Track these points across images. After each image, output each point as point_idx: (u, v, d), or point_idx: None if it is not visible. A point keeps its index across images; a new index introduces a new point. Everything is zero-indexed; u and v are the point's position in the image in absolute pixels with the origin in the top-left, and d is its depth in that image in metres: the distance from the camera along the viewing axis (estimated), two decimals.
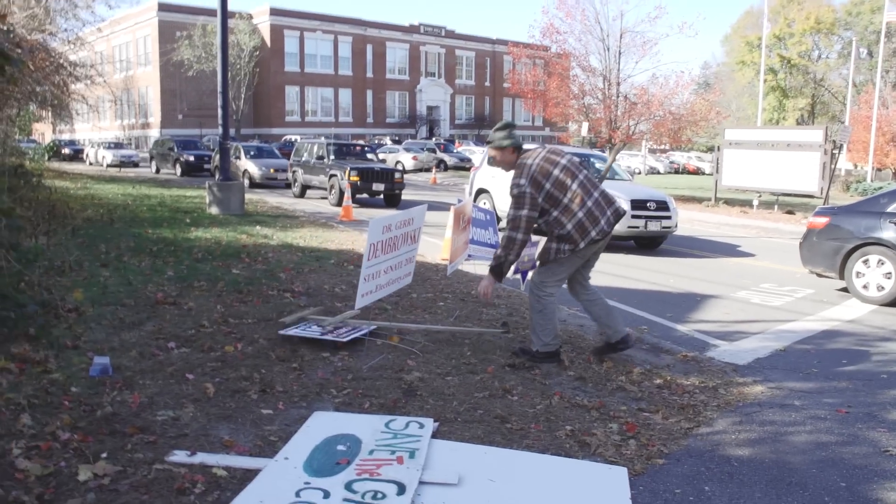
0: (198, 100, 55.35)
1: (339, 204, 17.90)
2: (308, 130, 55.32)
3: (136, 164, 37.39)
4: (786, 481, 3.62)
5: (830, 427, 4.44)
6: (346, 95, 63.87)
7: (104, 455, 3.46)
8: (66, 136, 52.11)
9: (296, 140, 42.50)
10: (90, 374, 4.58)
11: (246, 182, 25.05)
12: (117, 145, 41.39)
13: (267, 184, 25.08)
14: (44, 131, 55.58)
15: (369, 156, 22.17)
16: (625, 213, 5.49)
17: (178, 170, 30.76)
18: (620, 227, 11.11)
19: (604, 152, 24.23)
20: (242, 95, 54.94)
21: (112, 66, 33.37)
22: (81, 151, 45.39)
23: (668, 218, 12.65)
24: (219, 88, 15.59)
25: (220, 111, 15.74)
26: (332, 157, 20.33)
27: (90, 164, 39.46)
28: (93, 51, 26.45)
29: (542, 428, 4.14)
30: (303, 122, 60.42)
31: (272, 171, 25.11)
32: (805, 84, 62.84)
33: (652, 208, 12.49)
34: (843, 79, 58.74)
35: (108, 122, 59.63)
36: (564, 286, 5.62)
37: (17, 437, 3.56)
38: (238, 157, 26.18)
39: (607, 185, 12.35)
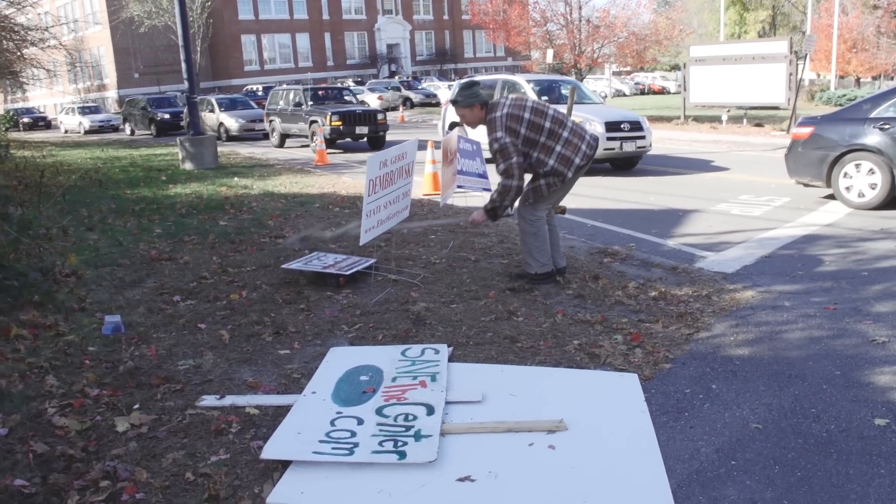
0: (153, 56, 54.00)
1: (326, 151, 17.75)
2: (268, 79, 54.30)
3: (115, 129, 35.06)
4: (785, 374, 3.83)
5: (821, 323, 4.66)
6: (303, 40, 62.57)
7: (136, 406, 3.58)
8: (20, 105, 50.71)
9: (256, 90, 41.76)
10: (104, 332, 4.66)
11: (223, 136, 24.49)
12: (93, 109, 38.77)
13: (245, 136, 24.46)
14: None
15: (348, 98, 21.53)
16: (597, 139, 5.58)
17: (154, 129, 29.31)
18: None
19: (571, 77, 24.17)
20: (198, 48, 53.46)
21: (60, 28, 32.07)
22: (42, 119, 43.93)
23: (643, 138, 12.80)
24: (181, 42, 15.29)
25: (184, 65, 15.45)
26: (310, 102, 19.70)
27: (65, 131, 37.09)
28: (38, 13, 25.51)
29: (551, 344, 4.32)
30: (262, 71, 59.27)
31: (249, 122, 24.51)
32: None
33: (626, 129, 12.61)
34: None
35: (63, 86, 58.06)
36: None
37: (49, 397, 3.67)
38: (212, 111, 25.40)
39: (579, 110, 12.37)
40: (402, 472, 2.83)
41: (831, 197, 9.14)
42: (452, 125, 14.93)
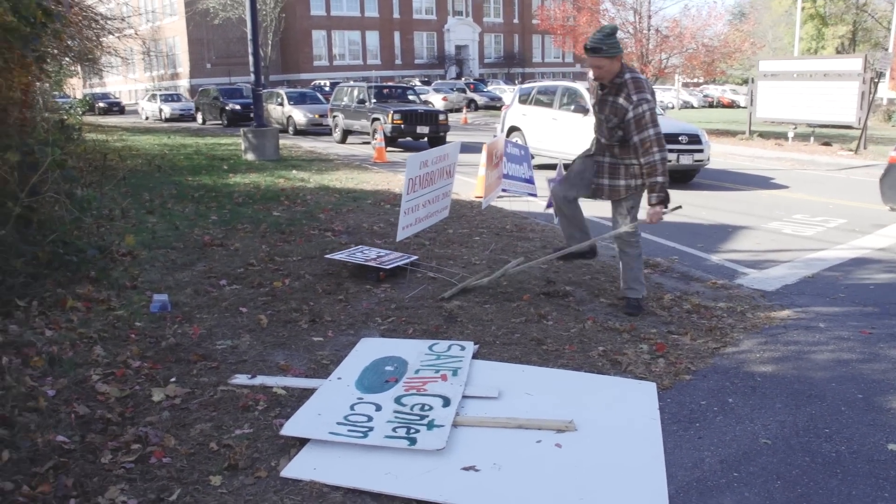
0: (225, 48, 55.42)
1: (385, 149, 17.95)
2: (336, 75, 55.20)
3: (194, 118, 34.98)
4: (805, 394, 3.85)
5: (853, 346, 4.63)
6: (373, 38, 63.36)
7: (173, 379, 3.80)
8: (97, 90, 52.50)
9: (323, 85, 42.45)
10: (151, 310, 4.92)
11: (290, 129, 24.82)
12: (174, 98, 39.11)
13: (312, 130, 24.68)
14: (75, 85, 56.03)
15: (411, 97, 21.63)
16: None
17: (225, 119, 29.54)
18: None
19: None
20: (270, 42, 54.76)
21: (138, 18, 33.06)
22: (117, 105, 45.26)
23: (701, 151, 12.61)
24: (249, 36, 15.72)
25: (251, 58, 15.90)
26: (373, 100, 19.90)
27: (146, 118, 37.90)
28: (118, 2, 26.44)
29: (576, 349, 4.40)
30: (331, 67, 60.21)
31: (317, 116, 24.48)
32: (846, 10, 60.71)
33: (684, 141, 12.46)
34: (888, 2, 56.67)
35: (138, 73, 60.02)
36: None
37: (94, 366, 3.92)
38: (281, 104, 25.70)
39: None
40: (410, 458, 2.97)
41: None
42: (511, 129, 15.04)
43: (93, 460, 2.95)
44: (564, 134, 13.26)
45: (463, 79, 56.03)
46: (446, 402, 3.45)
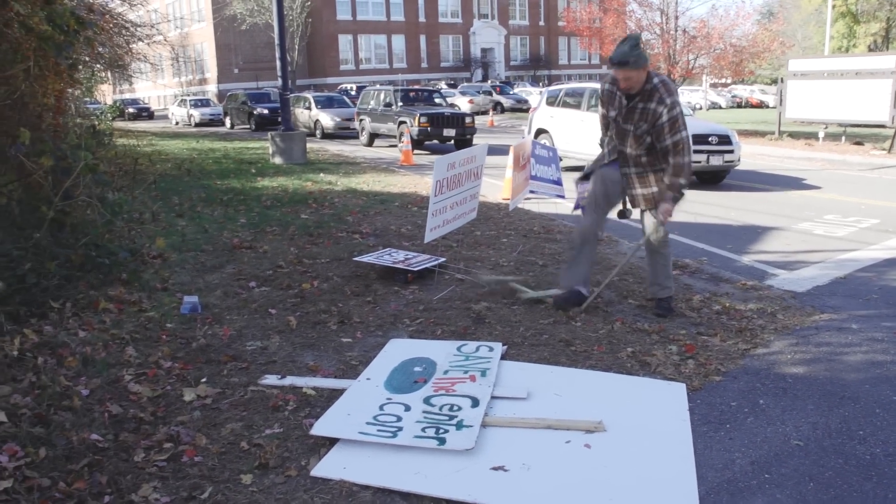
0: (252, 53, 55.96)
1: (412, 151, 17.98)
2: (363, 78, 55.44)
3: (223, 122, 35.33)
4: (838, 395, 3.79)
5: (886, 348, 4.55)
6: (399, 41, 63.60)
7: (204, 380, 3.85)
8: (127, 96, 53.25)
9: (350, 89, 42.66)
10: (182, 311, 4.98)
11: (318, 133, 25.01)
12: (204, 103, 39.49)
13: (340, 134, 24.78)
14: (105, 91, 56.79)
15: (437, 100, 21.73)
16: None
17: (253, 124, 29.78)
18: None
19: None
20: (296, 46, 55.24)
21: (167, 25, 33.43)
22: (146, 110, 45.85)
23: (731, 152, 12.51)
24: (276, 41, 15.86)
25: (278, 63, 16.05)
26: (399, 103, 20.02)
27: (176, 122, 38.36)
28: (147, 10, 26.83)
29: (605, 350, 4.38)
30: (357, 71, 60.52)
31: (344, 120, 24.69)
32: (879, 7, 59.69)
33: (714, 142, 12.38)
34: None
35: (167, 79, 60.75)
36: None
37: (127, 366, 3.98)
38: (308, 108, 25.90)
39: None
40: (439, 457, 2.98)
41: None
42: (539, 132, 14.99)
43: (126, 458, 2.99)
44: (592, 135, 13.18)
45: (489, 81, 56.09)
46: (475, 402, 3.45)
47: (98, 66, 19.61)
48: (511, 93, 45.98)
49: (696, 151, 11.75)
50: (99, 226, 5.98)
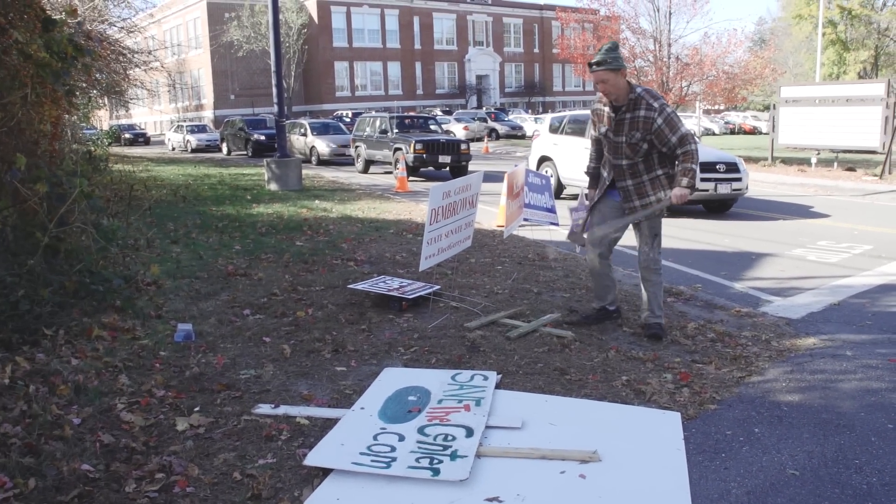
0: (249, 79, 56.34)
1: (407, 178, 17.92)
2: (358, 105, 55.81)
3: (219, 148, 35.23)
4: (833, 423, 3.79)
5: (881, 375, 4.55)
6: (394, 68, 64.09)
7: (197, 409, 3.83)
8: (123, 121, 53.44)
9: (345, 115, 42.87)
10: (175, 339, 4.97)
11: (314, 159, 25.00)
12: (200, 129, 39.53)
13: (336, 160, 24.74)
14: (101, 117, 57.08)
15: (433, 127, 21.74)
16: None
17: (250, 150, 29.95)
18: None
19: None
20: (293, 73, 55.62)
21: (164, 51, 33.53)
22: (142, 136, 45.96)
23: (739, 180, 12.26)
24: (272, 67, 15.96)
25: (274, 90, 16.13)
26: (395, 130, 20.06)
27: (172, 148, 38.35)
28: (145, 37, 27.00)
29: (600, 378, 4.38)
30: (353, 97, 60.91)
31: (340, 147, 24.67)
32: (868, 35, 60.43)
33: (721, 170, 12.11)
34: None
35: (163, 105, 61.03)
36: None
37: (119, 395, 3.95)
38: (304, 134, 25.91)
39: None
40: (434, 488, 2.95)
41: None
42: (542, 159, 14.84)
43: (117, 489, 2.96)
44: None
45: (484, 108, 56.43)
46: (469, 432, 3.43)
47: (95, 91, 19.75)
48: (506, 119, 46.26)
49: (703, 180, 11.58)
50: (93, 252, 5.97)
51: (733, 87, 29.26)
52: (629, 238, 5.52)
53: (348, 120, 37.68)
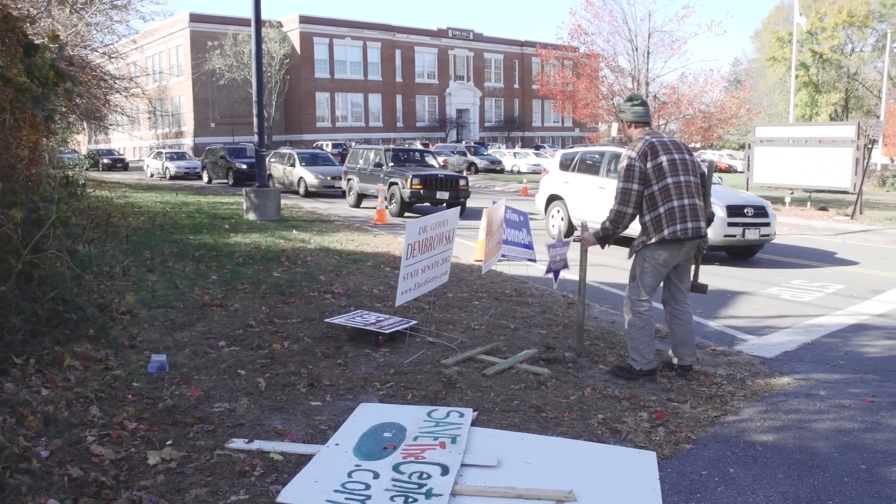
0: (230, 108, 56.41)
1: (401, 214, 17.44)
2: (339, 136, 56.02)
3: (199, 176, 34.92)
4: (807, 464, 3.81)
5: (854, 415, 4.60)
6: (375, 100, 64.45)
7: (169, 442, 3.77)
8: (102, 146, 53.16)
9: (324, 146, 42.82)
10: (149, 370, 4.90)
11: (301, 191, 24.32)
12: (179, 156, 39.23)
13: (324, 192, 23.92)
14: (80, 141, 56.72)
15: (430, 161, 20.89)
16: (705, 234, 5.28)
17: (231, 179, 29.39)
18: (715, 236, 10.62)
19: None
20: (274, 103, 55.78)
21: (145, 78, 33.53)
22: (121, 161, 45.67)
23: (767, 225, 11.55)
24: (254, 97, 16.00)
25: (255, 119, 16.16)
26: (390, 163, 19.28)
27: (151, 175, 37.97)
28: (127, 63, 26.94)
29: (576, 416, 4.37)
30: (333, 128, 61.10)
31: (329, 178, 23.84)
32: (838, 78, 61.95)
33: (749, 214, 11.36)
34: (878, 72, 57.81)
35: (143, 131, 60.82)
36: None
37: (90, 426, 3.89)
38: (293, 165, 25.09)
39: None
40: None
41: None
42: (551, 199, 14.13)
43: None
44: (611, 204, 12.18)
45: (463, 142, 56.83)
46: (445, 470, 3.41)
47: (74, 116, 19.66)
48: (485, 153, 46.62)
49: (730, 224, 11.06)
50: (68, 280, 5.89)
51: (709, 126, 29.79)
52: (606, 274, 5.55)
53: (328, 150, 37.67)
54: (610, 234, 5.31)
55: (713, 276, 10.09)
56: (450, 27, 69.05)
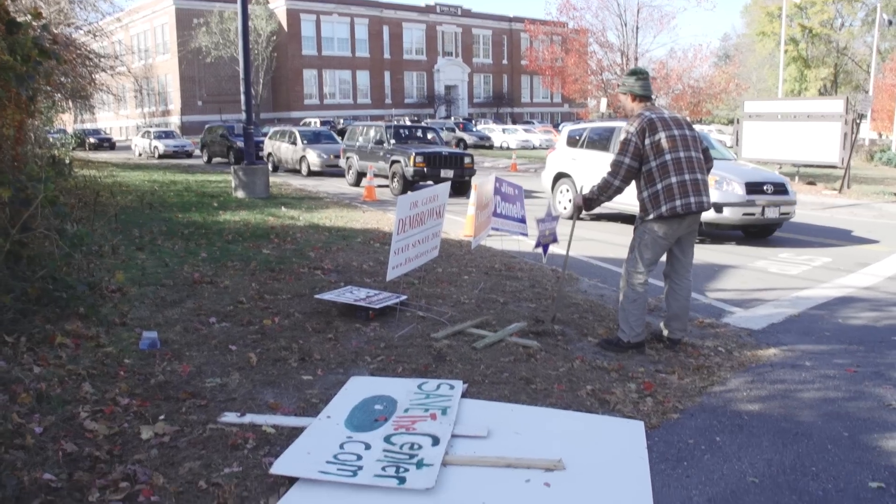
0: (216, 86, 55.97)
1: (403, 193, 17.37)
2: (326, 113, 55.72)
3: (189, 154, 34.55)
4: (792, 432, 3.88)
5: (838, 385, 4.67)
6: (363, 77, 64.10)
7: (162, 417, 3.79)
8: (88, 126, 52.62)
9: (311, 123, 42.47)
10: (140, 347, 4.92)
11: (304, 170, 23.56)
12: (167, 134, 38.37)
13: (328, 172, 23.18)
14: (66, 121, 56.17)
15: (431, 137, 19.89)
16: (709, 208, 5.27)
17: (232, 157, 27.28)
18: (733, 215, 10.59)
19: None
20: (261, 80, 55.36)
21: (131, 56, 33.01)
22: (107, 141, 45.28)
23: (788, 203, 11.10)
24: (241, 74, 15.88)
25: (243, 96, 16.06)
26: (392, 140, 18.56)
27: (139, 154, 37.32)
28: (112, 41, 26.59)
29: (565, 388, 4.43)
30: (321, 105, 60.78)
31: (332, 157, 22.72)
32: (827, 53, 61.95)
33: (769, 192, 10.89)
34: (867, 46, 57.82)
35: (129, 110, 60.33)
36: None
37: (83, 403, 3.91)
38: (294, 143, 24.25)
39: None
40: (399, 497, 2.97)
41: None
42: (558, 176, 13.74)
43: (80, 499, 2.93)
44: None
45: (452, 118, 56.64)
46: (435, 441, 3.46)
47: (59, 95, 19.47)
48: (474, 130, 46.47)
49: (749, 203, 10.64)
50: (57, 258, 5.88)
51: (699, 101, 29.80)
52: (596, 249, 5.58)
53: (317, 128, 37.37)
54: (594, 200, 5.40)
55: (701, 249, 10.16)
56: (438, 3, 68.59)
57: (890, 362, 5.18)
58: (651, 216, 5.10)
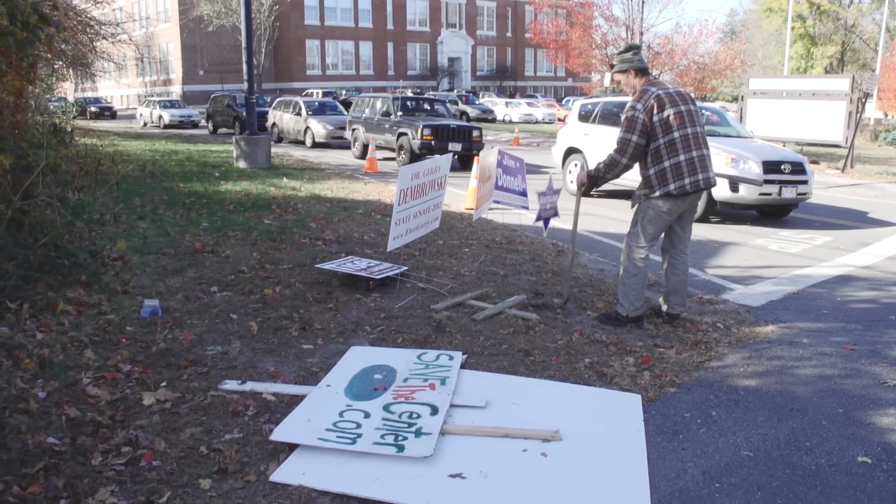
0: (218, 55, 55.61)
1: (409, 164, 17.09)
2: (329, 84, 55.36)
3: (195, 125, 34.16)
4: (787, 408, 3.91)
5: (835, 362, 4.70)
6: (366, 48, 63.64)
7: (163, 384, 3.84)
8: (89, 94, 52.38)
9: (314, 94, 42.23)
10: (142, 315, 4.95)
11: (308, 141, 23.28)
12: (173, 104, 37.74)
13: (333, 143, 23.05)
14: (67, 89, 55.94)
15: (440, 109, 19.72)
16: (715, 184, 5.30)
17: (238, 127, 26.34)
18: (749, 195, 10.31)
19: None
20: (263, 50, 54.96)
21: (132, 24, 32.62)
22: (108, 109, 45.03)
23: (805, 183, 10.80)
24: (243, 44, 15.79)
25: (245, 66, 15.99)
26: (399, 112, 18.25)
27: (144, 124, 36.82)
28: (112, 8, 26.35)
29: (563, 360, 4.46)
30: (324, 76, 60.38)
31: (338, 129, 22.56)
32: (835, 31, 61.37)
33: (786, 171, 10.56)
34: (876, 24, 57.28)
35: (130, 79, 60.00)
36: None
37: (85, 369, 3.95)
38: (299, 114, 24.13)
39: (727, 144, 10.90)
40: (398, 464, 3.01)
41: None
42: (569, 152, 13.46)
43: (83, 462, 2.98)
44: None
45: (455, 91, 56.31)
46: (434, 410, 3.50)
47: (60, 63, 19.35)
48: (477, 103, 46.23)
49: (766, 182, 10.38)
50: (59, 226, 5.90)
51: (703, 77, 29.63)
52: (597, 224, 5.59)
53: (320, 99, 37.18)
54: (600, 177, 5.38)
55: (702, 226, 10.17)
56: None
57: (887, 341, 5.21)
58: (658, 193, 5.09)
